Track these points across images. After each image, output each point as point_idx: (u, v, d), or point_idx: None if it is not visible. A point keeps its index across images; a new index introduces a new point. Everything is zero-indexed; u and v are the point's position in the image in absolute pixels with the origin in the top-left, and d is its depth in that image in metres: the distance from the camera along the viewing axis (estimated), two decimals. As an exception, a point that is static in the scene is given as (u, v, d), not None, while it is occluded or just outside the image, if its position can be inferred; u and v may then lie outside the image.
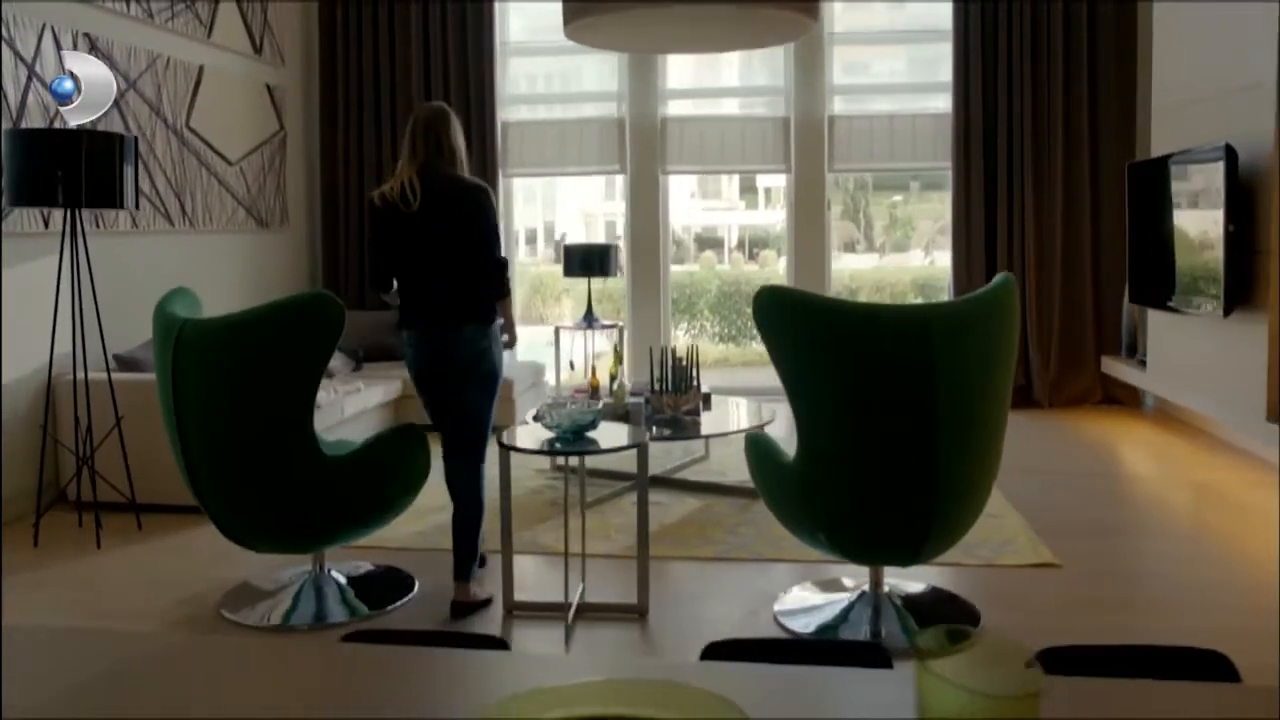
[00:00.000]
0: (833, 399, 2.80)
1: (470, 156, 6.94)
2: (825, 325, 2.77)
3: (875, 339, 2.74)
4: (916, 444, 2.75)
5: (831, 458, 2.86)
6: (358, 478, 3.19)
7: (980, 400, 2.80)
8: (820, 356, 2.78)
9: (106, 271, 4.98)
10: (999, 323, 2.84)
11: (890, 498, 2.84)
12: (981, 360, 2.78)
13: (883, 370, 2.73)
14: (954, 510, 2.87)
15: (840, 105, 6.98)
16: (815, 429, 2.86)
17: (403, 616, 3.32)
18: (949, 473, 2.78)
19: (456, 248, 3.29)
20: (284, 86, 6.76)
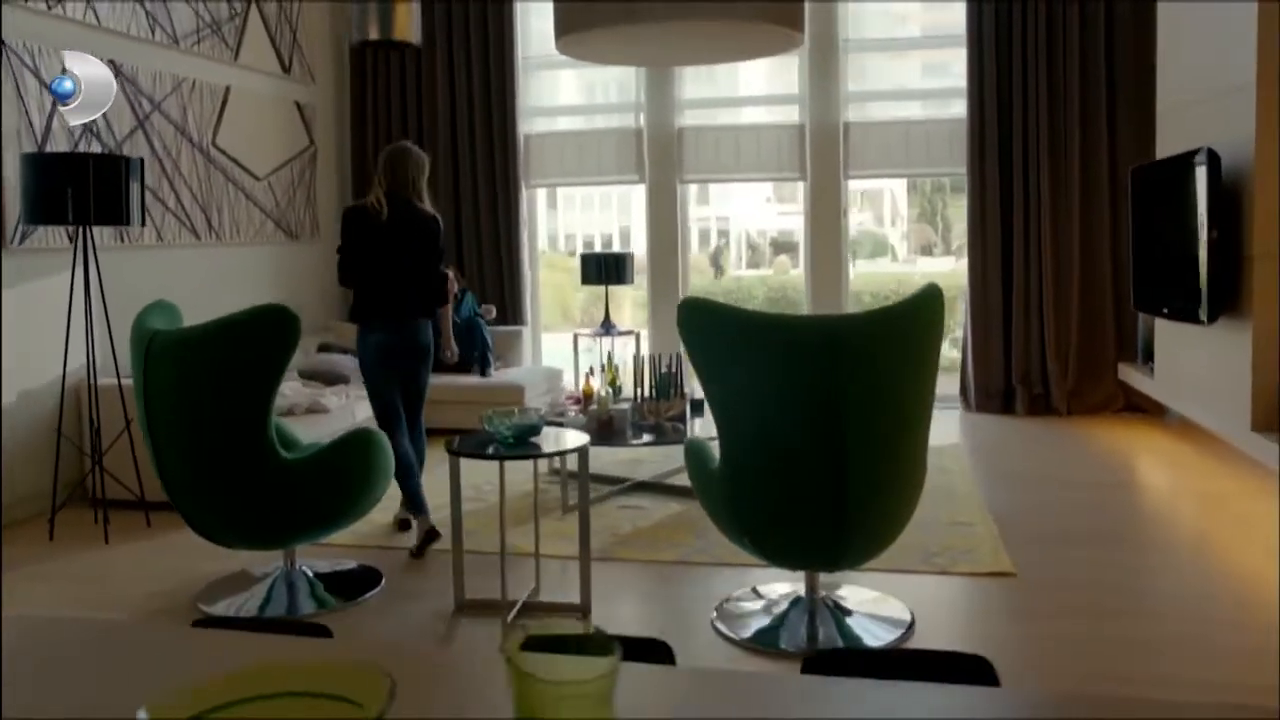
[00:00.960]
0: (747, 407, 2.88)
1: (493, 167, 7.17)
2: (738, 335, 2.85)
3: (786, 349, 2.81)
4: (825, 452, 2.81)
5: (747, 464, 2.94)
6: (317, 479, 3.37)
7: (893, 410, 2.85)
8: (734, 365, 2.86)
9: (131, 283, 5.28)
10: (916, 334, 2.88)
11: (802, 504, 2.91)
12: (894, 370, 2.83)
13: (792, 380, 2.80)
14: (868, 517, 2.92)
15: (855, 112, 7.00)
16: (732, 436, 2.94)
17: (368, 609, 3.50)
18: (858, 481, 2.83)
19: (412, 260, 4.09)
20: (314, 104, 7.05)
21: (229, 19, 6.10)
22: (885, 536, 3.05)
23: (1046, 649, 3.09)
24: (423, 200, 4.18)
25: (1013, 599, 3.49)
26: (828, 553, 3.01)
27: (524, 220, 7.40)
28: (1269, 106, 3.98)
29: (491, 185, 7.29)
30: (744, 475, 2.96)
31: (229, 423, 3.18)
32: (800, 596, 3.31)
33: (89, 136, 5.03)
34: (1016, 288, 6.64)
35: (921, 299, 2.93)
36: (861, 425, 2.79)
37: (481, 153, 7.26)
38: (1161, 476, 5.21)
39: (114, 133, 5.20)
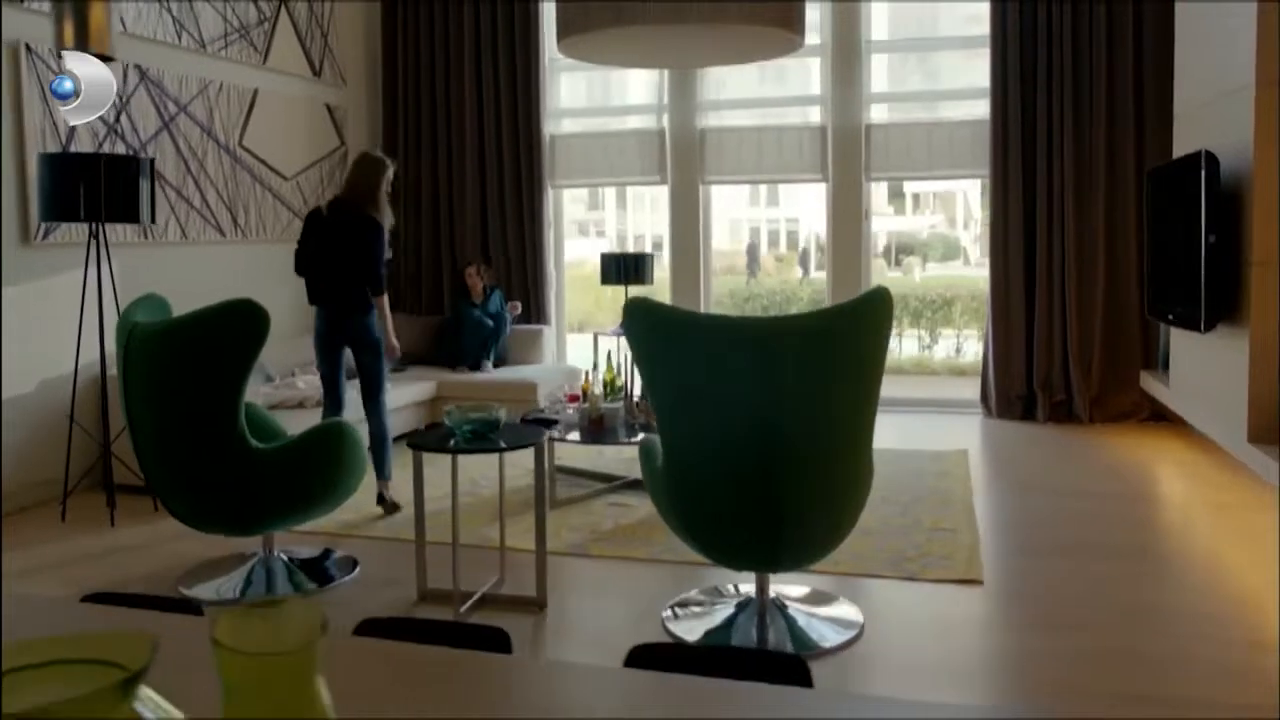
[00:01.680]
0: (685, 407, 2.91)
1: (518, 168, 7.27)
2: (676, 335, 2.88)
3: (720, 349, 2.83)
4: (757, 453, 2.83)
5: (687, 464, 2.97)
6: (287, 469, 3.49)
7: (829, 413, 2.85)
8: (673, 365, 2.89)
9: (153, 278, 5.48)
10: (858, 337, 2.88)
11: (737, 505, 2.92)
12: (831, 373, 2.83)
13: (726, 380, 2.82)
14: (802, 520, 2.93)
15: (878, 113, 6.93)
16: (673, 436, 2.97)
17: (337, 594, 3.61)
18: (789, 483, 2.84)
19: (350, 258, 4.57)
20: (345, 106, 7.24)
21: (258, 24, 6.30)
22: (826, 539, 3.05)
23: (986, 659, 3.06)
24: (376, 204, 4.63)
25: (971, 608, 3.45)
26: (766, 553, 3.02)
27: (549, 220, 7.49)
28: (1267, 109, 3.86)
29: (517, 185, 7.39)
30: (685, 475, 2.98)
31: (200, 412, 3.31)
32: (752, 598, 3.32)
33: (113, 137, 5.26)
34: (1039, 292, 6.52)
35: (865, 302, 2.92)
36: (793, 427, 2.80)
37: (508, 153, 7.37)
38: (1172, 488, 5.07)
39: (139, 134, 5.42)
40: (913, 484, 4.94)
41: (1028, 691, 2.80)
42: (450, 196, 7.52)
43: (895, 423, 6.70)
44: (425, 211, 7.56)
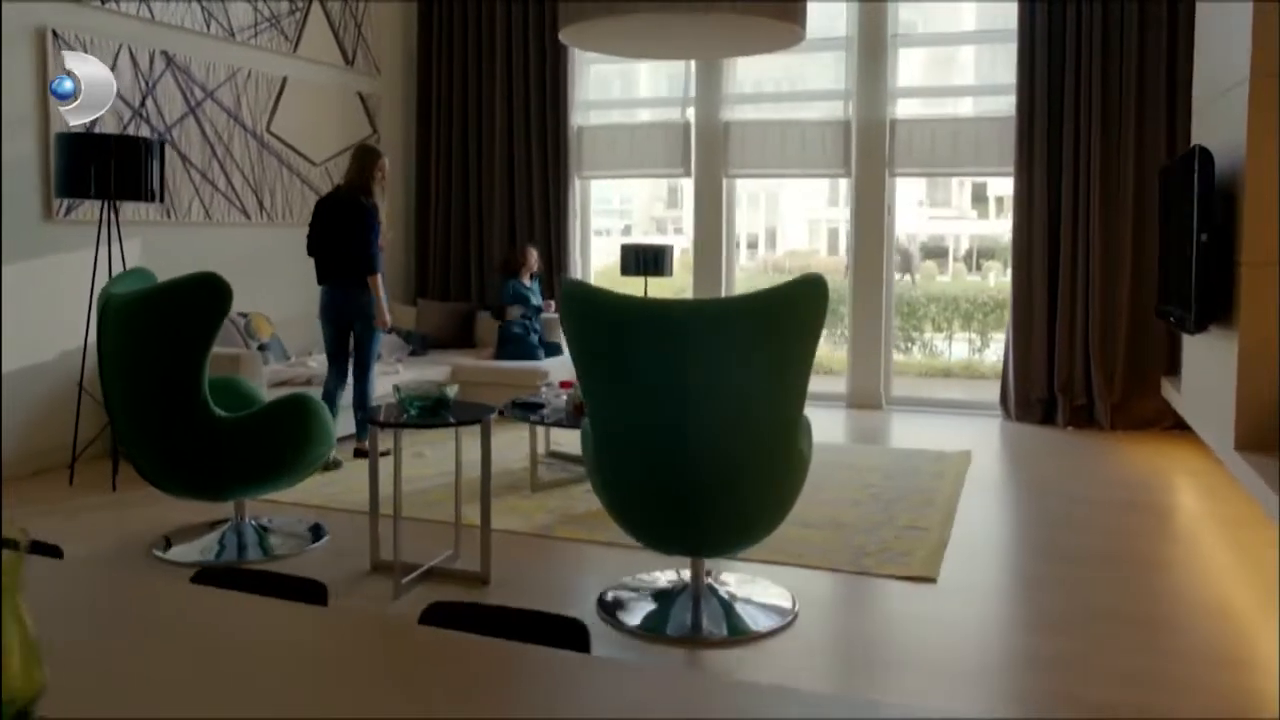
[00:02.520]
0: (606, 389, 2.93)
1: (545, 159, 7.35)
2: (601, 318, 2.90)
3: (635, 332, 2.84)
4: (670, 438, 2.84)
5: (612, 448, 2.99)
6: (251, 438, 3.61)
7: (745, 399, 2.84)
8: (598, 349, 2.92)
9: (175, 256, 5.71)
10: (782, 323, 2.86)
11: (654, 489, 2.94)
12: (749, 359, 2.82)
13: (641, 363, 2.84)
14: (719, 505, 2.93)
15: (903, 108, 6.84)
16: (598, 420, 3.00)
17: (298, 561, 3.73)
18: (702, 469, 2.85)
19: (345, 239, 5.05)
20: (378, 94, 7.41)
21: (289, 14, 6.49)
22: (750, 526, 3.04)
23: (906, 653, 3.02)
24: (369, 192, 5.14)
25: (914, 605, 3.40)
26: (688, 538, 3.03)
27: (575, 210, 7.56)
28: (1262, 105, 3.71)
29: (544, 176, 7.48)
30: (609, 458, 3.01)
31: (165, 379, 3.45)
32: (687, 583, 3.33)
33: (138, 120, 5.48)
34: (1062, 292, 6.35)
35: (790, 288, 2.91)
36: (704, 412, 2.80)
37: (535, 144, 7.46)
38: (1173, 498, 4.89)
39: (164, 118, 5.64)
40: (903, 483, 4.88)
41: (936, 688, 2.76)
42: (480, 186, 7.64)
43: (912, 422, 6.62)
44: (455, 200, 7.69)
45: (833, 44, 7.00)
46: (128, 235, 5.50)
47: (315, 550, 3.89)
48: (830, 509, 4.41)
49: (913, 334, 10.40)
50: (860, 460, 5.36)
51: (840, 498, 4.60)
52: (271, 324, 6.05)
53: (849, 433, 6.40)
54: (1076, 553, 3.96)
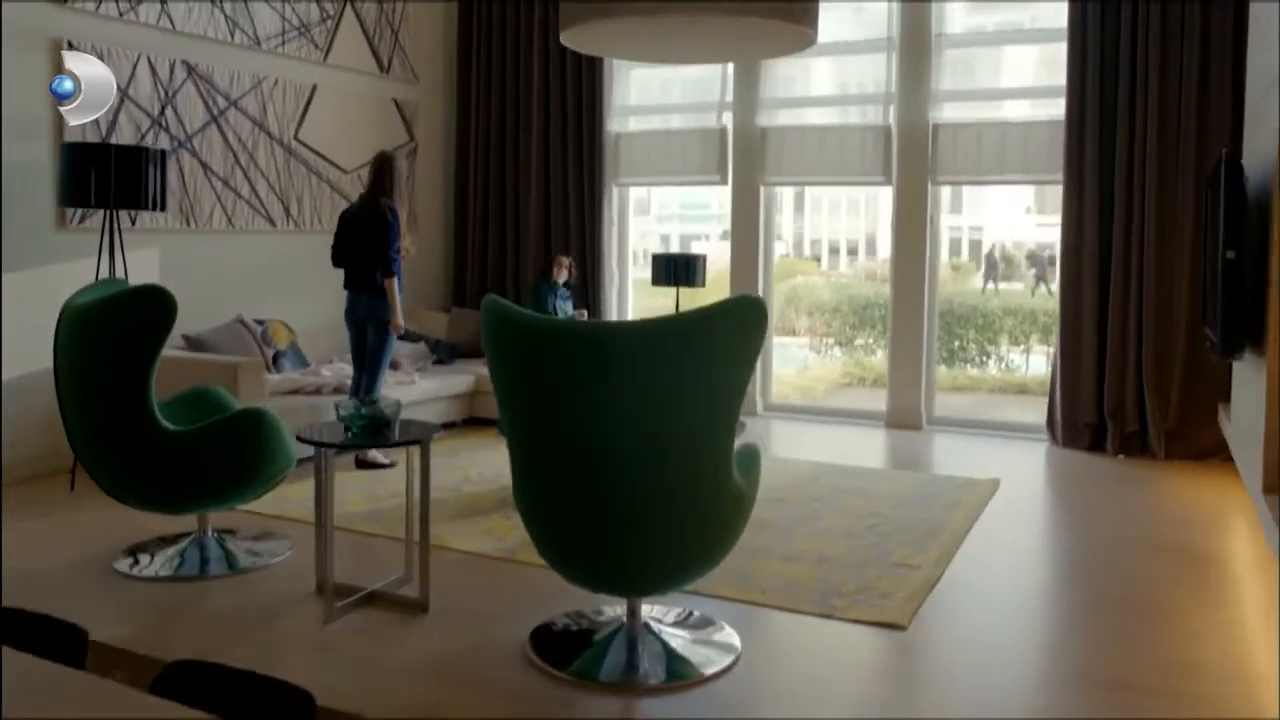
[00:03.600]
0: (522, 414, 2.76)
1: (580, 166, 7.22)
2: (516, 338, 2.73)
3: (550, 354, 2.67)
4: (584, 468, 2.65)
5: (528, 478, 2.82)
6: (202, 453, 3.56)
7: (668, 429, 2.63)
8: (513, 370, 2.75)
9: (195, 263, 5.78)
10: (704, 348, 2.64)
11: (573, 520, 2.75)
12: (668, 386, 2.61)
13: (558, 388, 2.66)
14: (641, 541, 2.72)
15: (948, 112, 6.47)
16: (514, 447, 2.83)
17: (253, 576, 3.67)
18: (619, 502, 2.65)
19: (365, 245, 5.15)
20: (416, 101, 7.39)
21: (320, 22, 6.51)
22: (681, 565, 2.82)
23: (842, 708, 2.75)
24: (389, 194, 5.19)
25: (869, 652, 3.13)
26: (609, 576, 2.84)
27: (610, 219, 7.41)
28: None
29: (580, 183, 7.35)
30: (528, 489, 2.84)
31: (112, 392, 3.43)
32: (624, 621, 3.13)
33: (157, 129, 5.55)
34: (1113, 310, 5.90)
35: (724, 310, 2.69)
36: (624, 442, 2.61)
37: (571, 150, 7.34)
38: (1214, 541, 4.45)
39: (185, 126, 5.70)
40: (911, 514, 4.57)
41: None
42: (516, 193, 7.55)
43: (950, 445, 6.26)
44: (493, 207, 7.62)
45: (873, 45, 6.68)
46: (145, 243, 5.59)
47: (277, 565, 3.82)
48: (820, 541, 4.14)
49: (988, 348, 9.96)
50: (873, 486, 5.06)
51: (834, 528, 4.32)
52: (292, 331, 6.06)
53: (875, 455, 6.07)
54: (1080, 602, 3.61)
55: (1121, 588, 3.70)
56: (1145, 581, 3.78)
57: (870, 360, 9.60)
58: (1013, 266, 10.77)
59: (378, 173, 5.23)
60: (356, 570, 3.68)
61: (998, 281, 10.59)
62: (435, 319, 7.37)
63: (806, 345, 10.22)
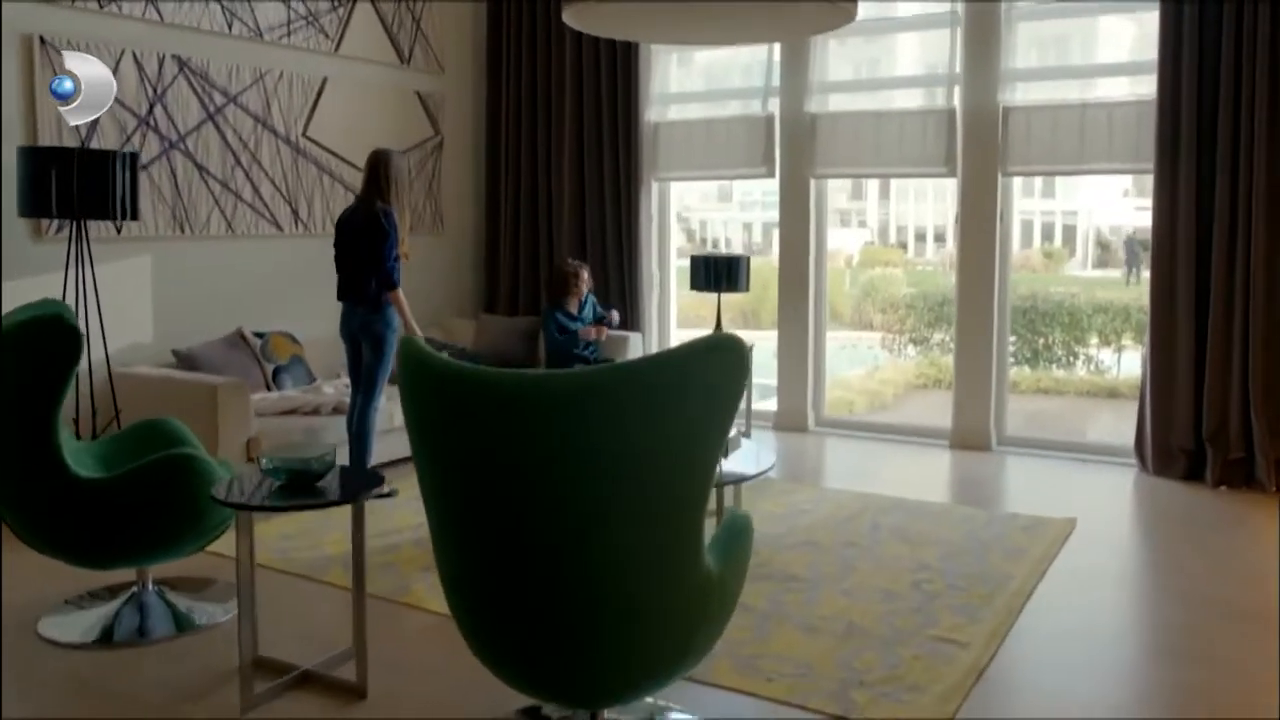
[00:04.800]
0: (444, 483, 2.22)
1: (615, 159, 6.67)
2: (431, 390, 2.19)
3: (469, 413, 2.12)
4: (513, 549, 2.10)
5: (451, 558, 2.28)
6: (118, 504, 3.11)
7: (617, 505, 2.06)
8: (429, 426, 2.21)
9: (189, 272, 5.40)
10: (667, 404, 2.06)
11: (500, 613, 2.20)
12: (624, 452, 2.04)
13: (482, 451, 2.11)
14: (581, 645, 2.15)
15: (1021, 93, 5.71)
16: (434, 522, 2.28)
17: (211, 639, 3.22)
18: (555, 596, 2.09)
19: (361, 252, 4.66)
20: (441, 93, 6.91)
21: (330, 10, 6.06)
22: (637, 672, 2.24)
23: None
24: (385, 197, 4.69)
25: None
26: (543, 682, 2.27)
27: (649, 215, 6.83)
28: None
29: (616, 178, 6.78)
30: (450, 571, 2.30)
31: (14, 433, 2.99)
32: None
33: (144, 130, 5.16)
34: (1214, 319, 5.10)
35: (689, 356, 2.10)
36: (558, 518, 2.05)
37: (607, 142, 6.77)
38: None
39: (177, 126, 5.30)
40: (967, 565, 3.90)
41: None
42: (549, 189, 7.02)
43: (1022, 471, 5.54)
44: (524, 206, 7.11)
45: (935, 20, 5.96)
46: (135, 252, 5.22)
47: (225, 625, 3.36)
48: (851, 603, 3.52)
49: (1075, 348, 9.15)
50: (925, 527, 4.39)
51: (871, 585, 3.69)
52: (297, 344, 5.64)
53: (933, 484, 5.38)
54: (1167, 697, 2.92)
55: (1218, 676, 3.00)
56: (1251, 667, 3.06)
57: (946, 360, 8.88)
58: (1109, 253, 10.06)
59: (372, 173, 4.74)
60: (302, 638, 3.20)
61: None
62: (462, 326, 6.90)
63: (879, 343, 9.55)
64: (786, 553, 4.06)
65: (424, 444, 2.23)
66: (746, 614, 3.36)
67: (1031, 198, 12.28)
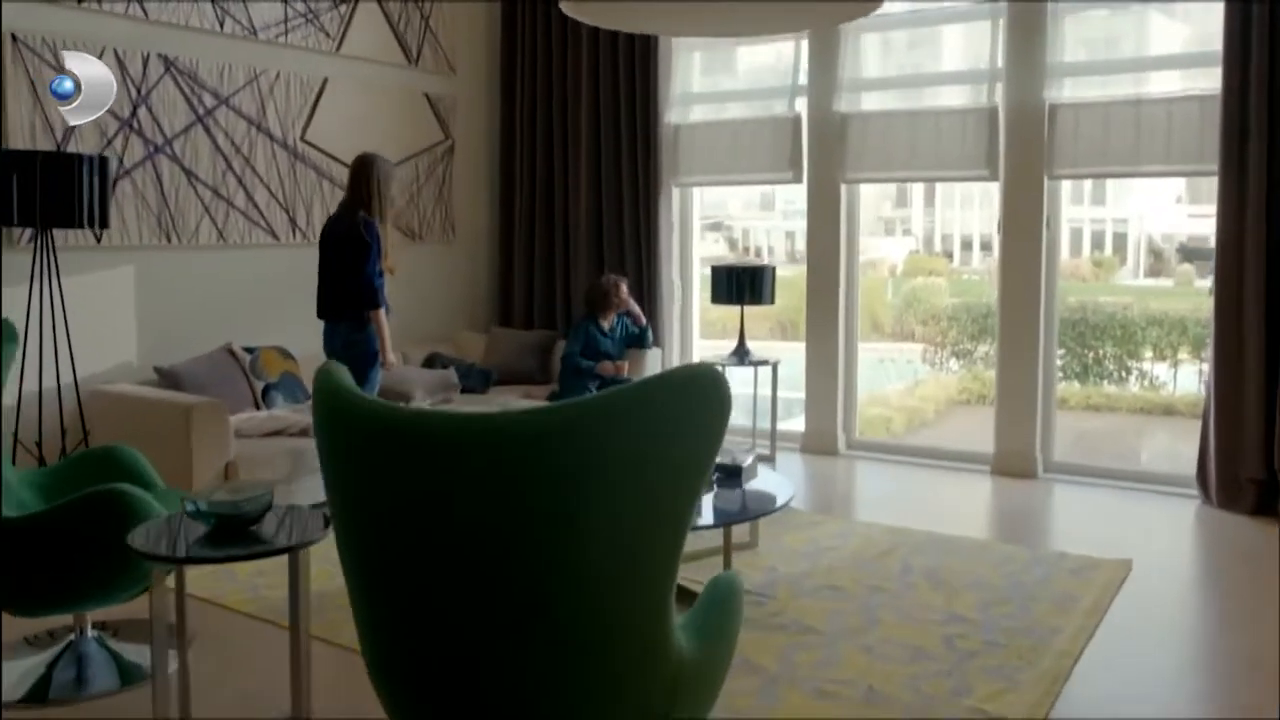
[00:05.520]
0: (360, 540, 1.84)
1: (635, 162, 6.30)
2: (344, 427, 1.82)
3: (388, 458, 1.74)
4: (438, 621, 1.72)
5: (369, 628, 1.90)
6: (39, 546, 2.78)
7: (563, 570, 1.67)
8: (343, 470, 1.84)
9: (174, 283, 5.10)
10: (625, 447, 1.67)
11: (429, 697, 1.82)
12: (573, 510, 1.65)
13: (402, 507, 1.74)
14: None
15: (1070, 90, 5.25)
16: (352, 587, 1.91)
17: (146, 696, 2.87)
18: (491, 674, 1.71)
19: (340, 266, 4.32)
20: (452, 95, 6.58)
21: (331, 8, 5.76)
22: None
23: None
24: (368, 207, 4.32)
25: None
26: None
27: (670, 221, 6.44)
28: None
29: (635, 183, 6.41)
30: (370, 642, 1.92)
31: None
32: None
33: (127, 132, 4.87)
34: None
35: (659, 388, 1.71)
36: (493, 588, 1.67)
37: (625, 146, 6.40)
38: None
39: (162, 129, 5.02)
40: (1009, 618, 3.45)
41: None
42: (566, 195, 6.66)
43: (1072, 501, 5.07)
44: (539, 212, 6.75)
45: (975, 12, 5.51)
46: (118, 262, 4.94)
47: (171, 676, 3.01)
48: (872, 662, 3.09)
49: (1128, 362, 8.64)
50: (962, 568, 3.94)
51: (897, 640, 3.25)
52: (291, 359, 5.31)
53: (972, 516, 4.92)
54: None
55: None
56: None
57: (990, 375, 8.42)
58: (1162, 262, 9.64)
59: (354, 180, 4.40)
60: (252, 696, 2.84)
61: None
62: (473, 340, 6.55)
63: (919, 356, 9.11)
64: (804, 598, 3.63)
65: (336, 494, 1.86)
66: (751, 675, 2.96)
67: (1081, 205, 11.81)
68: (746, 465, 4.03)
